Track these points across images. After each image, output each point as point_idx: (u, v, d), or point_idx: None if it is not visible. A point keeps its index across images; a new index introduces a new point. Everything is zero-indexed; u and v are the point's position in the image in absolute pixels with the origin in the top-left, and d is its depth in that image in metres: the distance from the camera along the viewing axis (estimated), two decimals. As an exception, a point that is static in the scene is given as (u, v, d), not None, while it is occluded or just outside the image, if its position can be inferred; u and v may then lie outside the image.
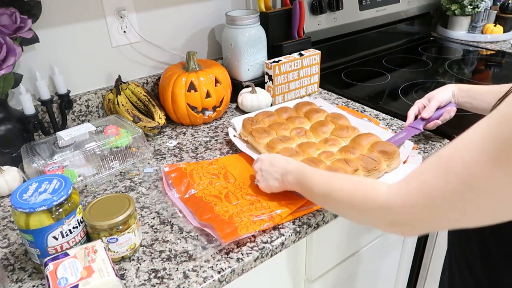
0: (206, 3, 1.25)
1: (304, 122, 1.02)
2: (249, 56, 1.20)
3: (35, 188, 0.64)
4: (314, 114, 1.05)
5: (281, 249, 0.74)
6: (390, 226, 0.55)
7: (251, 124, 0.99)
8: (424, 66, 1.51)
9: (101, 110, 1.14)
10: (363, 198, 0.57)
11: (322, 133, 0.98)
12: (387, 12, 1.57)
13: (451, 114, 0.94)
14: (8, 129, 0.92)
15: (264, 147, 0.93)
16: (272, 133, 0.96)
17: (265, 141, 0.94)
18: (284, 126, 0.99)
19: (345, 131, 0.97)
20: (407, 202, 0.50)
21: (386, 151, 0.87)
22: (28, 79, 1.02)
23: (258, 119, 1.01)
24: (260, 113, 1.05)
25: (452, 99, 0.95)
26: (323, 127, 0.99)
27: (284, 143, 0.92)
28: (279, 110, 1.08)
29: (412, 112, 0.99)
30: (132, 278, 0.66)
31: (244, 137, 0.99)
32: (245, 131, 0.99)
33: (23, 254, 0.72)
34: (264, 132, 0.95)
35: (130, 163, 0.94)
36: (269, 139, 0.94)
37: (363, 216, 0.59)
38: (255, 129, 0.96)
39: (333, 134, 0.97)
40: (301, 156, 0.87)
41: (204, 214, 0.76)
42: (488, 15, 1.78)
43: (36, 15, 0.95)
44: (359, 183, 0.60)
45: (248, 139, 0.98)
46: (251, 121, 1.00)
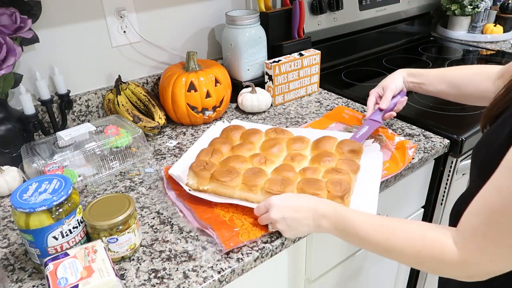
0: (206, 3, 1.25)
1: (252, 148, 0.92)
2: (249, 56, 1.20)
3: (35, 188, 0.64)
4: (252, 136, 0.95)
5: (281, 249, 0.74)
6: (469, 278, 0.56)
7: (205, 169, 0.82)
8: (424, 66, 1.51)
9: (101, 110, 1.14)
10: (433, 260, 0.56)
11: (279, 152, 0.90)
12: (387, 12, 1.57)
13: (403, 104, 1.00)
14: (8, 129, 0.92)
15: (239, 189, 0.79)
16: (236, 170, 0.82)
17: (237, 182, 0.79)
18: (240, 159, 0.86)
19: (299, 143, 0.92)
20: (484, 259, 0.52)
21: (354, 149, 0.89)
22: (28, 79, 1.02)
23: (208, 161, 0.85)
24: (199, 154, 0.89)
25: (403, 86, 0.99)
26: (274, 147, 0.90)
27: (258, 177, 0.80)
28: (213, 144, 0.93)
29: (372, 103, 1.01)
30: (132, 278, 0.66)
31: (203, 186, 0.81)
32: (202, 180, 0.81)
33: (23, 254, 0.72)
34: (229, 173, 0.80)
35: (130, 163, 0.94)
36: (239, 178, 0.80)
37: (437, 272, 0.59)
38: (217, 173, 0.81)
39: (290, 149, 0.91)
40: (292, 183, 0.78)
41: (204, 214, 0.76)
42: (488, 15, 1.78)
43: (36, 15, 0.95)
44: (424, 242, 0.57)
45: (209, 187, 0.81)
46: (203, 166, 0.83)
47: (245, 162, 0.86)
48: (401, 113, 1.03)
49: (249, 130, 0.98)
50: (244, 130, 0.99)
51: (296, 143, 0.92)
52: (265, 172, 0.83)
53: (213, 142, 0.94)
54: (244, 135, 0.97)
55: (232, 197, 0.80)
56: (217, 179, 0.80)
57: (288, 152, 0.91)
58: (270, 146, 0.91)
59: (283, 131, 0.97)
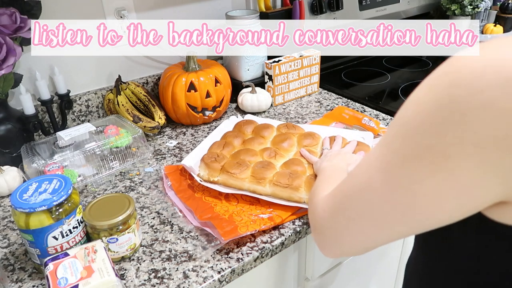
0: (206, 3, 1.25)
1: (263, 142, 0.93)
2: (249, 56, 1.20)
3: (35, 188, 0.64)
4: (263, 131, 0.97)
5: (281, 249, 0.74)
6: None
7: (216, 161, 0.84)
8: (424, 66, 1.51)
9: (101, 110, 1.14)
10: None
11: (289, 147, 0.92)
12: (387, 12, 1.57)
13: None
14: (8, 129, 0.92)
15: (248, 181, 0.81)
16: (246, 163, 0.84)
17: (247, 175, 0.81)
18: (250, 153, 0.88)
19: (310, 139, 0.93)
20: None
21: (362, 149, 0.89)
22: (28, 79, 1.02)
23: (219, 154, 0.87)
24: (211, 147, 0.92)
25: None
26: (284, 142, 0.92)
27: (268, 170, 0.82)
28: (225, 137, 0.96)
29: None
30: (132, 278, 0.66)
31: (213, 177, 0.83)
32: (213, 171, 0.83)
33: (23, 254, 0.72)
34: (239, 166, 0.82)
35: (130, 163, 0.94)
36: (249, 171, 0.82)
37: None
38: (227, 165, 0.83)
39: (301, 145, 0.93)
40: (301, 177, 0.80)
41: (204, 214, 0.76)
42: (488, 15, 1.78)
43: (36, 15, 0.95)
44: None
45: (219, 179, 0.83)
46: (214, 158, 0.85)
47: (255, 155, 0.88)
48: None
49: (261, 124, 1.00)
50: (256, 125, 1.01)
51: (306, 139, 0.93)
52: (274, 165, 0.85)
53: (226, 135, 0.96)
54: (256, 129, 0.99)
55: (242, 189, 0.81)
56: (227, 171, 0.82)
57: (298, 147, 0.93)
58: (281, 140, 0.93)
59: (295, 126, 0.99)
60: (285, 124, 1.00)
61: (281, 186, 0.78)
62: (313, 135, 0.95)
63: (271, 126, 0.99)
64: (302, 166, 0.84)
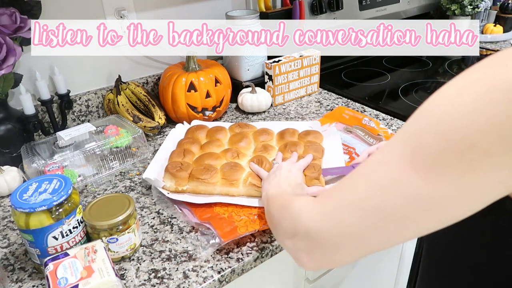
0: (206, 3, 1.25)
1: (220, 145, 0.93)
2: (249, 56, 1.20)
3: (35, 188, 0.64)
4: (217, 133, 0.96)
5: (281, 249, 0.73)
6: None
7: (182, 170, 0.82)
8: (424, 66, 1.51)
9: (101, 110, 1.14)
10: None
11: (247, 145, 0.92)
12: (387, 12, 1.57)
13: None
14: (8, 129, 0.92)
15: (220, 185, 0.80)
16: (213, 167, 0.82)
17: (217, 178, 0.80)
18: (213, 156, 0.87)
19: (265, 135, 0.95)
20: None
21: (315, 136, 0.94)
22: (28, 79, 1.02)
23: (182, 162, 0.85)
24: (171, 156, 0.89)
25: None
26: (241, 141, 0.92)
27: (237, 171, 0.81)
28: (181, 145, 0.93)
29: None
30: (132, 278, 0.66)
31: (182, 186, 0.81)
32: (180, 180, 0.81)
33: (23, 254, 0.72)
34: (207, 171, 0.80)
35: (130, 163, 0.94)
36: (218, 174, 0.81)
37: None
38: (195, 172, 0.81)
39: (258, 141, 0.94)
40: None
41: (204, 213, 0.76)
42: (488, 15, 1.78)
43: (36, 15, 0.95)
44: None
45: (188, 187, 0.81)
46: (179, 167, 0.82)
47: (218, 158, 0.87)
48: (401, 113, 1.03)
49: (213, 128, 1.00)
50: (208, 129, 1.00)
51: (262, 135, 0.95)
52: (241, 165, 0.85)
53: (181, 143, 0.94)
54: (209, 133, 0.98)
55: (212, 194, 0.81)
56: (196, 178, 0.80)
57: (256, 144, 0.94)
58: (238, 140, 0.93)
59: (247, 125, 1.00)
60: (237, 123, 1.01)
61: (257, 186, 0.79)
62: (267, 130, 0.97)
63: (223, 128, 0.99)
64: (269, 163, 0.85)
